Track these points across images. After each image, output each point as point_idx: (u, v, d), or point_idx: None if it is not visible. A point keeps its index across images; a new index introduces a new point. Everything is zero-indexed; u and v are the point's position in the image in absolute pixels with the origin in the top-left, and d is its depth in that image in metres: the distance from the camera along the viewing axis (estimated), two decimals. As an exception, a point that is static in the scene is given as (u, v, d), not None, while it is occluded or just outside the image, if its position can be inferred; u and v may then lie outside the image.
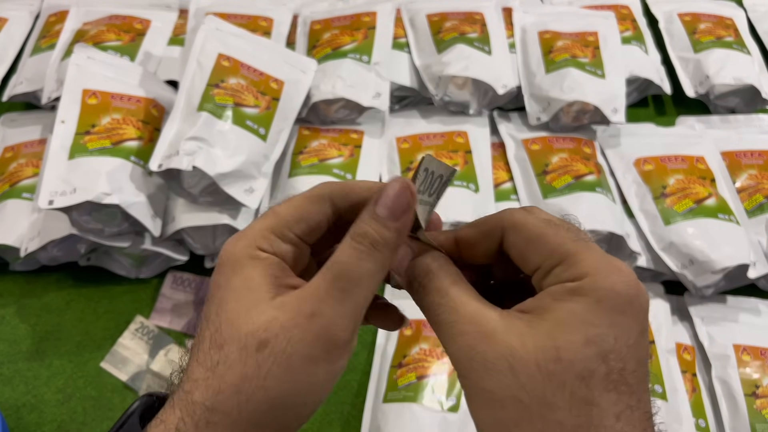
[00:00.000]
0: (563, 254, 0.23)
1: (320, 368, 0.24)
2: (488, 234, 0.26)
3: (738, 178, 0.69)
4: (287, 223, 0.26)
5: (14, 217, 0.62)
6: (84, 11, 0.78)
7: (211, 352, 0.24)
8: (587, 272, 0.22)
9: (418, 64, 0.74)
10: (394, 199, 0.24)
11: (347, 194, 0.26)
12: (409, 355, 0.56)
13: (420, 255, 0.26)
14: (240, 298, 0.24)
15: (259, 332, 0.23)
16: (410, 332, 0.58)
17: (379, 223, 0.24)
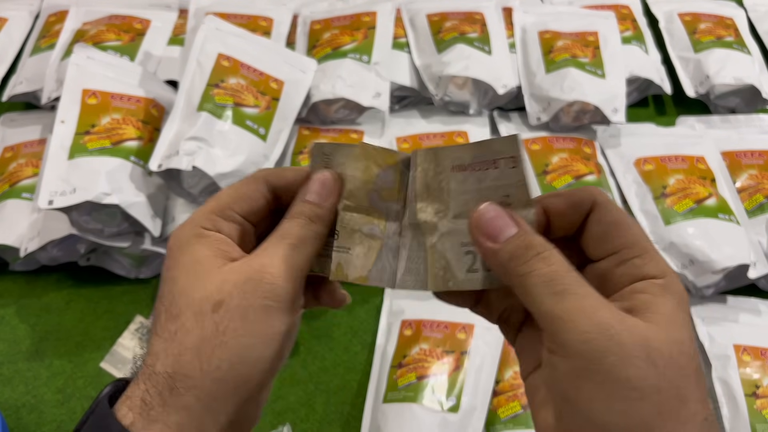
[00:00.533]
0: (643, 248, 0.24)
1: (275, 319, 0.25)
2: (578, 205, 0.26)
3: (738, 178, 0.69)
4: (228, 203, 0.27)
5: (14, 217, 0.62)
6: (84, 11, 0.78)
7: (168, 324, 0.25)
8: (667, 272, 0.24)
9: (418, 64, 0.74)
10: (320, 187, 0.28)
11: (280, 175, 0.28)
12: (409, 355, 0.56)
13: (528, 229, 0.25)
14: (190, 271, 0.25)
15: (213, 295, 0.24)
16: (410, 332, 0.58)
17: (311, 204, 0.27)
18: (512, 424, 0.53)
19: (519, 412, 0.54)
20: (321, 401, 0.58)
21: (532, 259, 0.24)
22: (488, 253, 0.25)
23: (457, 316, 0.59)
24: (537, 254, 0.24)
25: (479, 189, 0.26)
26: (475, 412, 0.53)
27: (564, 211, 0.26)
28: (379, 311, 0.62)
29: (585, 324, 0.22)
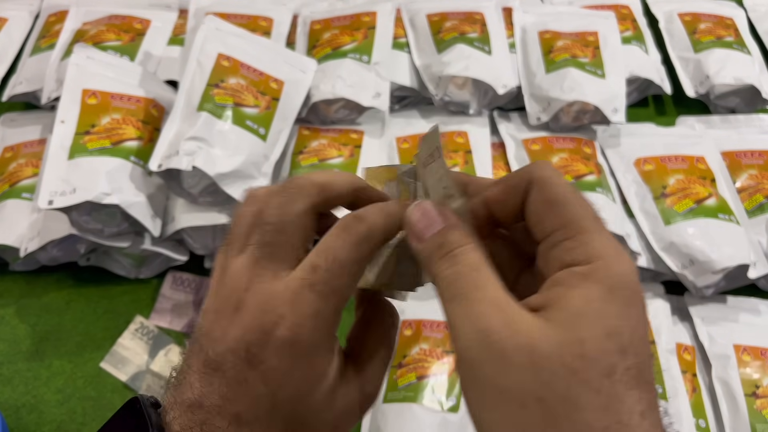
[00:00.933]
0: (578, 228, 0.22)
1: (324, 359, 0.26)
2: (514, 188, 0.24)
3: (738, 178, 0.69)
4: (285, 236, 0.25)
5: (14, 217, 0.62)
6: (84, 11, 0.78)
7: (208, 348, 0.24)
8: (598, 255, 0.21)
9: (418, 64, 0.74)
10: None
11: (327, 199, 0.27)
12: (409, 355, 0.56)
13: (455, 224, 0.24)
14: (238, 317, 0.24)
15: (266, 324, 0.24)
16: (410, 332, 0.58)
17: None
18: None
19: None
20: (321, 401, 0.57)
21: (439, 260, 0.23)
22: (415, 253, 0.25)
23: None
24: (445, 254, 0.23)
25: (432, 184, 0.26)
26: None
27: (501, 198, 0.25)
28: (379, 311, 0.62)
29: (468, 332, 0.21)
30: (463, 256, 0.23)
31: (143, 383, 0.57)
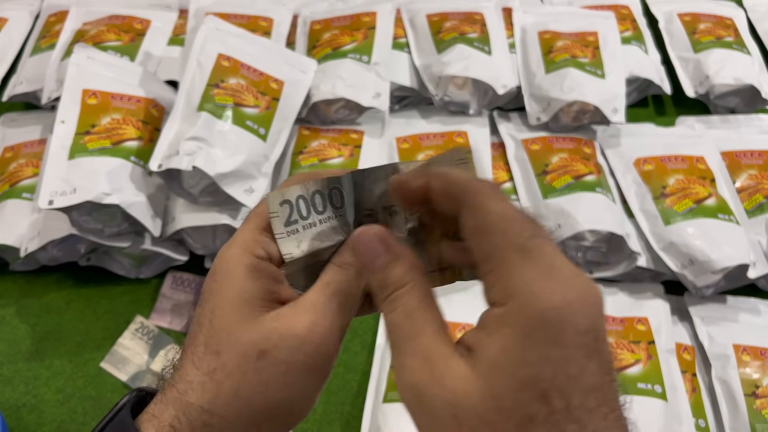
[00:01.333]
0: (498, 260, 0.21)
1: (316, 376, 0.25)
2: (452, 198, 0.23)
3: (738, 178, 0.69)
4: None
5: (14, 217, 0.62)
6: (84, 11, 0.78)
7: (207, 357, 0.24)
8: (514, 292, 0.20)
9: (418, 64, 0.74)
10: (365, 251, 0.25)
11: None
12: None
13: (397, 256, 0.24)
14: (236, 308, 0.25)
15: (259, 343, 0.24)
16: None
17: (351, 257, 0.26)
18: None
19: None
20: (321, 401, 0.57)
21: (382, 302, 0.24)
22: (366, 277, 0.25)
23: (457, 316, 0.59)
24: (386, 297, 0.23)
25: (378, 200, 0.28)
26: None
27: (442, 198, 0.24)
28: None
29: (403, 385, 0.22)
30: (401, 300, 0.23)
31: (143, 383, 0.57)
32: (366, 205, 0.29)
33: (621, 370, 0.56)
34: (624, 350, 0.57)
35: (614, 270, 0.63)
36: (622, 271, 0.62)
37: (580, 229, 0.60)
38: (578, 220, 0.61)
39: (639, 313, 0.60)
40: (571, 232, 0.60)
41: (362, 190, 0.29)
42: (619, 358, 0.56)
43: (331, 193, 0.28)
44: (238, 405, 0.24)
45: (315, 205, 0.28)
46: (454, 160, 0.27)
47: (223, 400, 0.24)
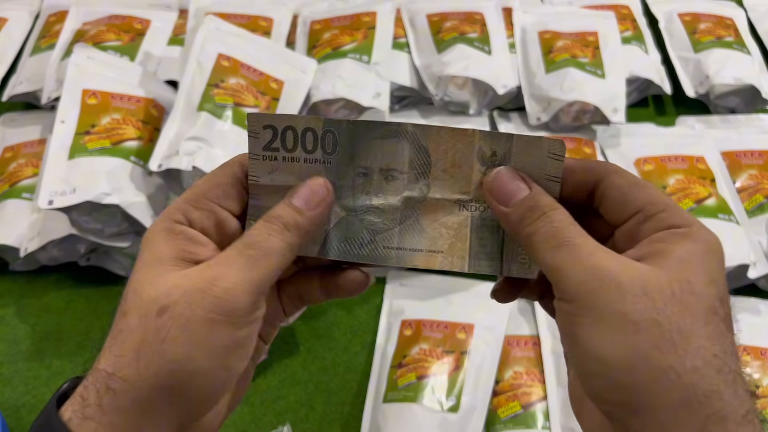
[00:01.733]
0: (666, 203, 0.25)
1: (220, 332, 0.24)
2: (589, 169, 0.27)
3: (738, 178, 0.69)
4: (202, 192, 0.27)
5: (14, 217, 0.62)
6: (84, 11, 0.78)
7: (117, 321, 0.24)
8: (692, 222, 0.24)
9: (418, 64, 0.74)
10: (311, 194, 0.26)
11: None
12: (409, 355, 0.56)
13: (539, 190, 0.27)
14: (147, 269, 0.25)
15: (161, 298, 0.24)
16: (410, 332, 0.58)
17: (292, 208, 0.26)
18: (512, 424, 0.53)
19: (519, 412, 0.54)
20: (321, 401, 0.58)
21: (537, 220, 0.25)
22: (501, 216, 0.27)
23: (457, 316, 0.59)
24: (542, 214, 0.25)
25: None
26: (475, 412, 0.53)
27: (573, 168, 0.27)
28: (379, 311, 0.62)
29: (580, 269, 0.23)
30: (558, 215, 0.25)
31: None
32: (362, 162, 0.27)
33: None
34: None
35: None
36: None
37: (580, 229, 0.60)
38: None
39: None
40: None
41: (362, 144, 0.27)
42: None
43: (324, 135, 0.27)
44: (138, 366, 0.23)
45: (304, 142, 0.27)
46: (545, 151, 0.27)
47: (125, 362, 0.23)
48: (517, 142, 0.28)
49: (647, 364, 0.22)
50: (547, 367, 0.57)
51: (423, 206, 0.28)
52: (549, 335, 0.59)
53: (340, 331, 0.62)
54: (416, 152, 0.28)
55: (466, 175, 0.29)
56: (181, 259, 0.25)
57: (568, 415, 0.55)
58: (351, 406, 0.57)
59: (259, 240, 0.25)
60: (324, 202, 0.27)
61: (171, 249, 0.25)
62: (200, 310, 0.23)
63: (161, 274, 0.25)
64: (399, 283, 0.63)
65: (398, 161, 0.28)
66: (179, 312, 0.23)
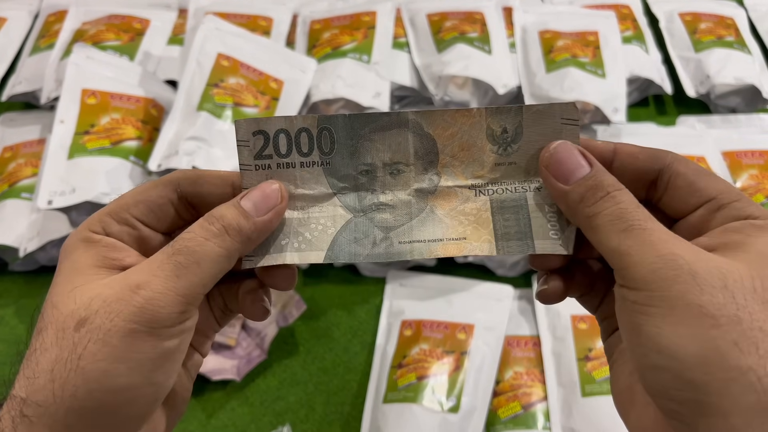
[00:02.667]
0: (740, 193, 0.24)
1: (144, 344, 0.22)
2: (653, 156, 0.25)
3: (739, 178, 0.68)
4: (125, 205, 0.25)
5: (13, 217, 0.62)
6: (83, 11, 0.78)
7: (33, 339, 0.22)
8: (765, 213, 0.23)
9: (418, 63, 0.74)
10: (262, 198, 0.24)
11: (195, 180, 0.26)
12: (409, 355, 0.56)
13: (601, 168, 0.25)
14: (66, 281, 0.23)
15: (80, 311, 0.22)
16: (410, 332, 0.58)
17: (238, 210, 0.24)
18: (512, 425, 0.53)
19: (519, 413, 0.54)
20: (321, 401, 0.57)
21: (600, 200, 0.24)
22: (558, 194, 0.25)
23: (457, 317, 0.59)
24: (606, 194, 0.24)
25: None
26: (475, 413, 0.53)
27: (636, 154, 0.26)
28: (379, 311, 0.62)
29: (651, 256, 0.22)
30: (624, 196, 0.23)
31: None
32: (363, 159, 0.26)
33: None
34: None
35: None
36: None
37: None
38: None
39: None
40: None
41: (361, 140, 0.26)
42: None
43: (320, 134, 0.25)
44: (54, 388, 0.21)
45: (299, 145, 0.25)
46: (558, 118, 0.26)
47: (40, 384, 0.21)
48: (527, 114, 0.26)
49: (724, 363, 0.20)
50: (547, 367, 0.57)
51: (435, 197, 0.27)
52: (549, 335, 0.59)
53: (340, 332, 0.62)
54: (421, 141, 0.26)
55: (477, 157, 0.27)
56: (103, 267, 0.23)
57: (568, 415, 0.54)
58: (351, 406, 0.57)
59: (192, 245, 0.23)
60: (275, 210, 0.25)
61: (90, 257, 0.24)
62: (120, 320, 0.21)
63: (81, 284, 0.23)
64: (399, 284, 0.63)
65: (402, 153, 0.26)
66: (98, 324, 0.21)
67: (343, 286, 0.65)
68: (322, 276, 0.66)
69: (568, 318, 0.59)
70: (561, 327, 0.59)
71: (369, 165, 0.26)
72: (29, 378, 0.21)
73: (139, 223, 0.25)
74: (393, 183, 0.26)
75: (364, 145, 0.26)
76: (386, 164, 0.26)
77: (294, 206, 0.26)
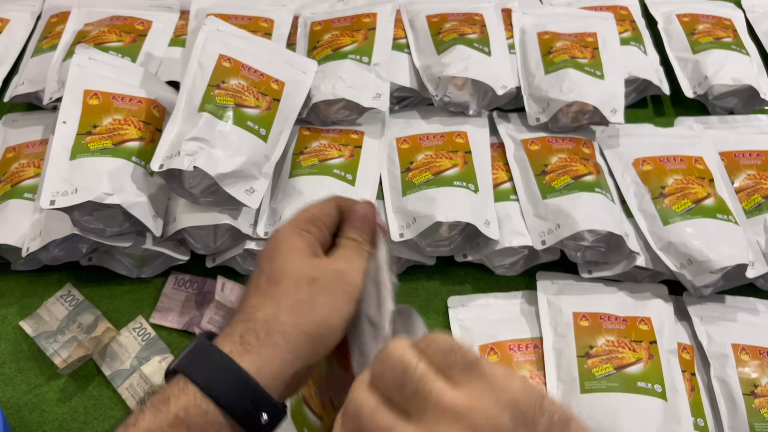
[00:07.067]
0: None
1: (349, 302, 0.33)
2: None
3: (736, 179, 0.69)
4: (317, 216, 0.37)
5: (16, 217, 0.62)
6: (85, 12, 0.78)
7: (271, 287, 0.33)
8: None
9: (418, 64, 0.75)
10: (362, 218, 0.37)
11: (348, 204, 0.38)
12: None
13: None
14: (290, 254, 0.34)
15: (309, 273, 0.33)
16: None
17: (359, 233, 0.36)
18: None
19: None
20: (321, 400, 0.58)
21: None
22: None
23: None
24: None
25: None
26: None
27: None
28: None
29: None
30: None
31: (126, 382, 0.58)
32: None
33: (622, 368, 0.56)
34: (625, 349, 0.57)
35: (613, 270, 0.63)
36: (621, 270, 0.63)
37: (579, 228, 0.60)
38: (577, 220, 0.61)
39: (642, 313, 0.60)
40: (570, 232, 0.61)
41: None
42: (620, 356, 0.56)
43: None
44: (294, 317, 0.32)
45: None
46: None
47: (284, 313, 0.32)
48: None
49: None
50: (547, 363, 0.57)
51: None
52: (551, 331, 0.59)
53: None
54: None
55: None
56: (311, 251, 0.35)
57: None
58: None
59: (358, 248, 0.36)
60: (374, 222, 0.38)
61: (305, 243, 0.35)
62: (340, 284, 0.33)
63: (302, 258, 0.34)
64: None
65: None
66: (327, 282, 0.33)
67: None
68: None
69: (569, 315, 0.60)
70: (563, 324, 0.59)
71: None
72: (275, 309, 0.32)
73: (325, 229, 0.37)
74: None
75: None
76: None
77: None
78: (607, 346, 0.57)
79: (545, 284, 0.64)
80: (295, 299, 0.32)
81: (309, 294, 0.32)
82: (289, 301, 0.32)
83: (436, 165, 0.66)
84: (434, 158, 0.67)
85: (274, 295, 0.32)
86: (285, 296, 0.32)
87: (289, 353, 0.31)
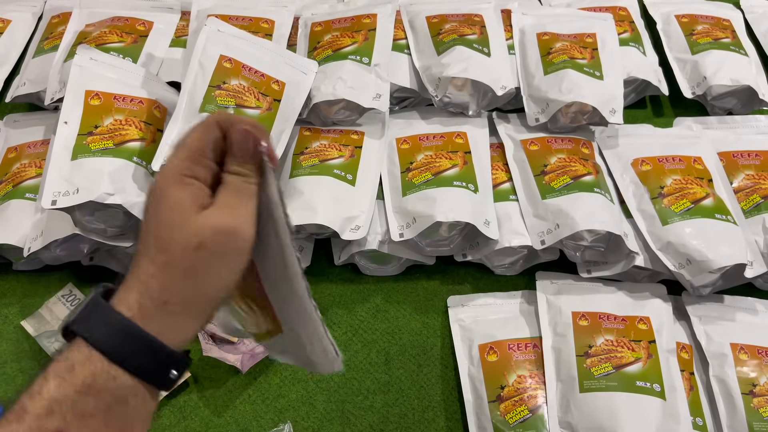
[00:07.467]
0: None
1: (242, 260, 0.32)
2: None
3: (735, 179, 0.69)
4: (199, 150, 0.33)
5: (17, 217, 0.62)
6: (87, 13, 0.78)
7: (159, 254, 0.31)
8: None
9: (417, 65, 0.75)
10: (243, 146, 0.33)
11: (230, 121, 0.34)
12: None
13: None
14: (173, 213, 0.32)
15: (194, 238, 0.31)
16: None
17: (242, 166, 0.33)
18: (522, 428, 0.54)
19: (527, 416, 0.55)
20: (321, 399, 0.58)
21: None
22: None
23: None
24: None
25: None
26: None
27: None
28: (379, 310, 0.63)
29: None
30: None
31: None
32: None
33: (621, 367, 0.56)
34: (624, 348, 0.57)
35: (612, 269, 0.63)
36: (620, 270, 0.63)
37: (578, 228, 0.61)
38: (576, 219, 0.61)
39: (641, 313, 0.60)
40: (570, 232, 0.61)
41: None
42: (619, 355, 0.57)
43: None
44: (186, 285, 0.31)
45: None
46: None
47: (176, 283, 0.31)
48: None
49: None
50: (547, 362, 0.58)
51: None
52: (550, 331, 0.60)
53: (341, 330, 0.62)
54: None
55: None
56: (196, 204, 0.32)
57: (566, 410, 0.55)
58: (351, 404, 0.58)
59: (240, 189, 0.33)
60: (258, 151, 0.34)
61: (187, 196, 0.32)
62: (230, 245, 0.32)
63: (188, 216, 0.31)
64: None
65: None
66: (214, 250, 0.31)
67: (343, 285, 0.66)
68: (323, 275, 0.66)
69: (569, 314, 0.60)
70: (562, 323, 0.60)
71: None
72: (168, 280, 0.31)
73: (212, 163, 0.33)
74: None
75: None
76: None
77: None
78: (606, 345, 0.57)
79: (544, 284, 0.64)
80: (184, 268, 0.31)
81: (198, 261, 0.31)
82: (178, 272, 0.31)
83: (436, 165, 0.66)
84: (434, 158, 0.67)
85: (164, 264, 0.31)
86: (174, 266, 0.31)
87: (189, 317, 0.32)
